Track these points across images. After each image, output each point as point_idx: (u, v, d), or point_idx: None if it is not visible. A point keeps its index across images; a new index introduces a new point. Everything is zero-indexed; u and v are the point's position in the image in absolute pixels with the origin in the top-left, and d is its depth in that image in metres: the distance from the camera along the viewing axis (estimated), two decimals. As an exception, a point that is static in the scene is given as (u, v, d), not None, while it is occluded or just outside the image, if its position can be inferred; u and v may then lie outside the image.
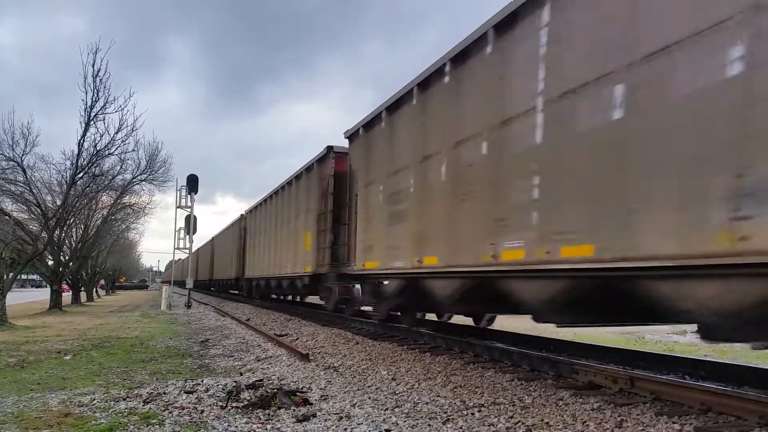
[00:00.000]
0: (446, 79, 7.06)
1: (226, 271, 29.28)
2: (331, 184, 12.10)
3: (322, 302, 13.75)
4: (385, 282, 9.16)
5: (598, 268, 4.63)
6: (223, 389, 5.80)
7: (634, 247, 4.25)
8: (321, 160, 13.06)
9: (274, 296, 22.47)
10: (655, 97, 4.17)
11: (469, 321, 10.75)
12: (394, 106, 8.65)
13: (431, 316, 11.31)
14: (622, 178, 4.41)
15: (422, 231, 7.52)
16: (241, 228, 25.06)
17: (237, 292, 28.77)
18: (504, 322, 10.88)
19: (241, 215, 25.57)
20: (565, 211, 4.99)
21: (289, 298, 21.66)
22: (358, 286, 10.39)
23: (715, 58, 3.74)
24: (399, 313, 10.90)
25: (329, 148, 12.44)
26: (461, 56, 6.74)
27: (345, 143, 11.25)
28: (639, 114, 4.29)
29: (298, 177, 15.32)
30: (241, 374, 6.95)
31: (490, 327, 10.32)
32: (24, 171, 17.06)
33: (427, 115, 7.59)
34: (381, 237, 8.89)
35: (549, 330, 8.65)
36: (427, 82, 7.60)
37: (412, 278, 8.11)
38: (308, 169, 14.15)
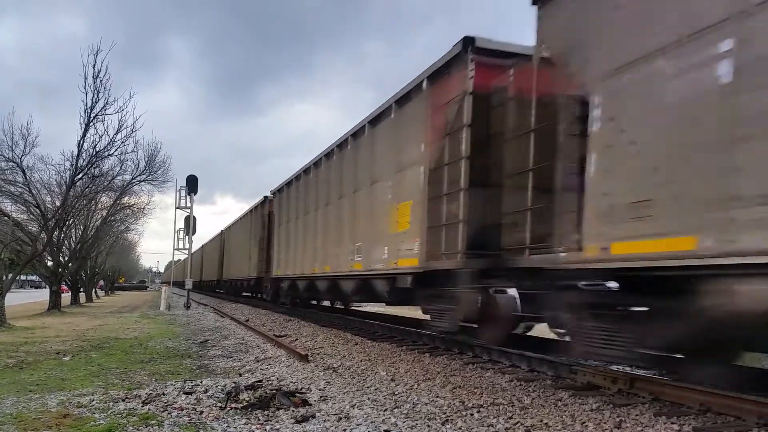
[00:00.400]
0: None
1: (240, 269, 24.07)
2: (468, 110, 7.10)
3: (429, 317, 8.62)
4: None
5: None
6: (222, 390, 5.80)
7: None
8: (439, 73, 7.78)
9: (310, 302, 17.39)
10: None
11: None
12: None
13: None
14: None
15: None
16: (263, 215, 20.31)
17: (251, 294, 24.04)
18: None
19: (265, 197, 20.53)
20: None
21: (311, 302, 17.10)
22: (513, 292, 6.85)
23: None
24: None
25: (468, 42, 7.12)
26: None
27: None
28: None
29: (376, 120, 9.95)
30: (240, 375, 6.94)
31: None
32: (23, 172, 17.06)
33: None
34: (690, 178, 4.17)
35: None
36: None
37: None
38: (403, 98, 8.83)
